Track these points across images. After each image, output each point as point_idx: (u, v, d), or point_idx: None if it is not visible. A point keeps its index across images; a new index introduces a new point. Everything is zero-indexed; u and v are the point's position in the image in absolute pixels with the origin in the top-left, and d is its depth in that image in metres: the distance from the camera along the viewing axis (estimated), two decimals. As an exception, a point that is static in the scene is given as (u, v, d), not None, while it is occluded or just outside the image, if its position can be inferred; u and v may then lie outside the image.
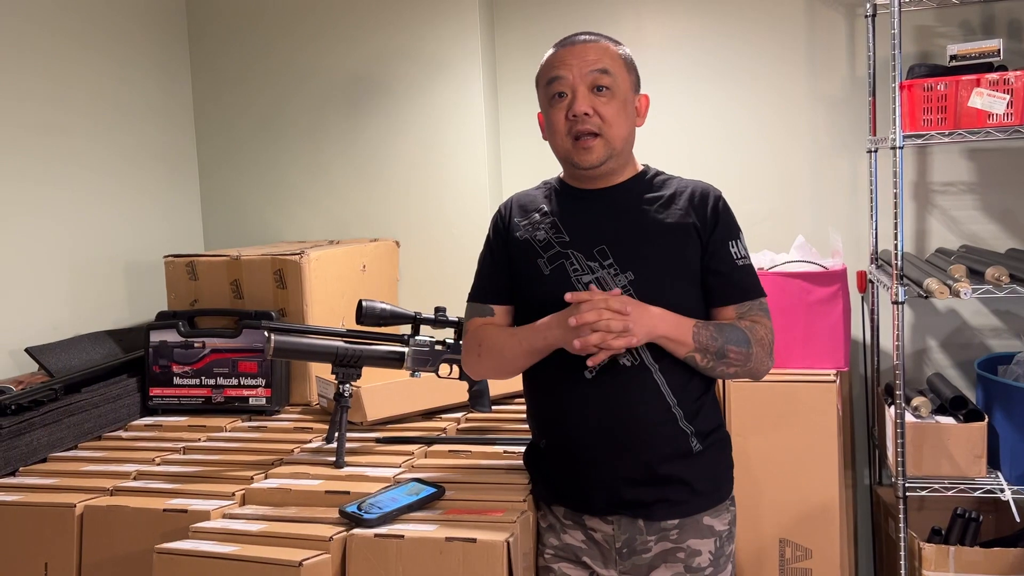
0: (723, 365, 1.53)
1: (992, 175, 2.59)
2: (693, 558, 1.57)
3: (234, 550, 1.49)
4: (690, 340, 1.50)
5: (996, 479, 2.18)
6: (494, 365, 1.64)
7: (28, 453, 1.98)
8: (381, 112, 2.87)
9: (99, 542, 1.70)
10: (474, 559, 1.47)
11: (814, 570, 2.15)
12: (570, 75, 1.54)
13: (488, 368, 1.66)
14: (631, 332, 1.44)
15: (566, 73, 1.55)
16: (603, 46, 1.57)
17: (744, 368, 1.55)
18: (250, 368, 2.28)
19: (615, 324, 1.43)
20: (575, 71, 1.54)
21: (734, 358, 1.53)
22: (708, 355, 1.51)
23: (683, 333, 1.50)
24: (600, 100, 1.54)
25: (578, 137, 1.54)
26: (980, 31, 2.55)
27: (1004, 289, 2.07)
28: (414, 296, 2.83)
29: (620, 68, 1.57)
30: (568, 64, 1.55)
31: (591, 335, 1.44)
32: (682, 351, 1.51)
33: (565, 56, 1.56)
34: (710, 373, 1.56)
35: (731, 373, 1.55)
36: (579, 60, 1.55)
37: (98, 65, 2.63)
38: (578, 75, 1.54)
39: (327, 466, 1.85)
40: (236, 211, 3.03)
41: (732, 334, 1.53)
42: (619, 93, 1.55)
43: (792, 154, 2.72)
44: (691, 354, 1.51)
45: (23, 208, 2.35)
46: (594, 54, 1.55)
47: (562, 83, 1.55)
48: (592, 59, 1.54)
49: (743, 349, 1.53)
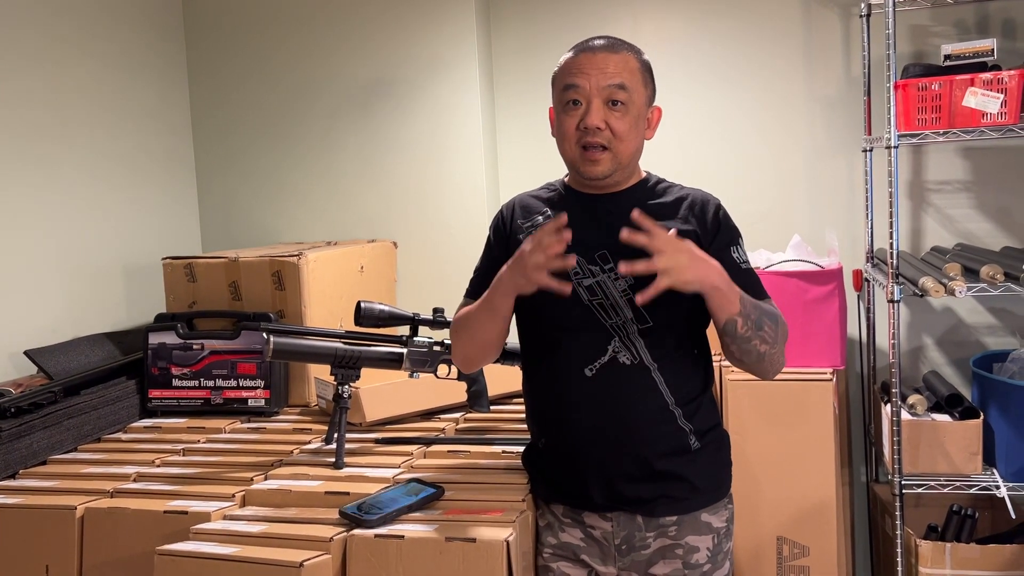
0: (757, 339, 1.49)
1: (986, 174, 2.60)
2: (691, 554, 1.58)
3: (235, 551, 1.50)
4: (737, 301, 1.46)
5: (992, 476, 2.19)
6: (466, 338, 1.63)
7: (28, 456, 1.99)
8: (379, 114, 2.88)
9: (100, 544, 1.70)
10: (474, 559, 1.48)
11: (812, 567, 2.16)
12: (587, 85, 1.52)
13: (459, 342, 1.65)
14: (682, 270, 1.38)
15: (583, 82, 1.53)
16: (624, 58, 1.55)
17: (772, 349, 1.51)
18: (249, 370, 2.29)
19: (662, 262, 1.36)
20: (592, 82, 1.52)
21: (767, 333, 1.50)
22: (749, 322, 1.47)
23: (734, 291, 1.46)
24: (614, 115, 1.53)
25: (586, 147, 1.54)
26: (974, 31, 2.57)
27: (999, 287, 2.08)
28: (412, 297, 2.83)
29: (638, 83, 1.55)
30: (587, 73, 1.53)
31: (639, 263, 1.36)
32: (727, 311, 1.45)
33: (584, 64, 1.54)
34: (741, 347, 1.50)
35: (761, 351, 1.50)
36: (598, 72, 1.52)
37: (96, 70, 2.63)
38: (595, 87, 1.52)
39: (327, 467, 1.86)
40: (234, 213, 3.04)
41: (767, 309, 1.53)
42: (633, 109, 1.54)
43: (788, 154, 2.73)
44: (734, 317, 1.45)
45: (22, 212, 2.36)
46: (614, 66, 1.53)
47: (578, 91, 1.53)
48: (611, 72, 1.52)
49: (775, 328, 1.51)
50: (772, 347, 1.52)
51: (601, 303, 1.55)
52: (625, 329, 1.54)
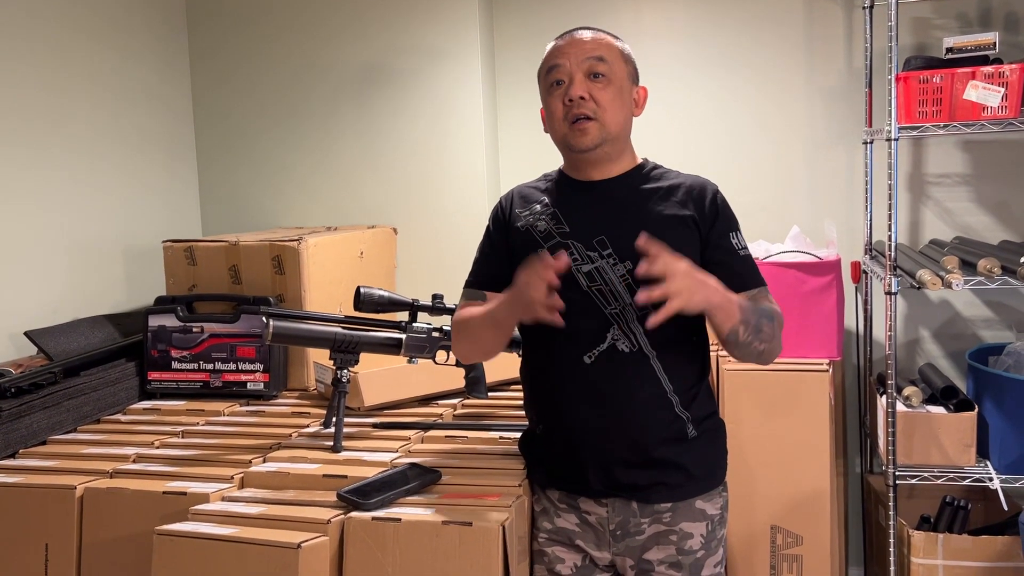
0: (757, 340, 1.52)
1: (986, 167, 2.61)
2: (685, 541, 1.59)
3: (233, 532, 1.51)
4: (737, 311, 1.49)
5: (985, 468, 2.21)
6: (466, 338, 1.65)
7: (28, 436, 2.00)
8: (381, 100, 2.88)
9: (99, 524, 1.72)
10: (470, 543, 1.49)
11: (805, 556, 2.18)
12: (567, 63, 1.58)
13: (463, 344, 1.67)
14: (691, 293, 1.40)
15: (563, 61, 1.59)
16: (600, 37, 1.62)
17: (770, 345, 1.54)
18: (248, 353, 2.30)
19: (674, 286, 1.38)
20: (572, 59, 1.58)
21: (766, 333, 1.53)
22: (749, 328, 1.50)
23: (732, 303, 1.49)
24: (596, 86, 1.57)
25: (575, 120, 1.57)
26: (977, 24, 2.56)
27: (996, 281, 2.09)
28: (411, 283, 2.84)
29: (616, 57, 1.61)
30: (566, 53, 1.59)
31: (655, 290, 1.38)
32: (729, 323, 1.48)
33: (563, 47, 1.61)
34: (742, 350, 1.53)
35: (760, 350, 1.54)
36: (576, 49, 1.59)
37: (98, 52, 2.63)
38: (575, 62, 1.58)
39: (325, 450, 1.87)
40: (234, 197, 3.04)
41: (764, 309, 1.55)
42: (615, 80, 1.59)
43: (788, 145, 2.73)
44: (736, 327, 1.49)
45: (23, 193, 2.36)
46: (592, 43, 1.60)
47: (560, 71, 1.59)
48: (589, 48, 1.59)
49: (772, 326, 1.54)
50: (770, 343, 1.55)
51: (600, 289, 1.56)
52: (624, 316, 1.56)
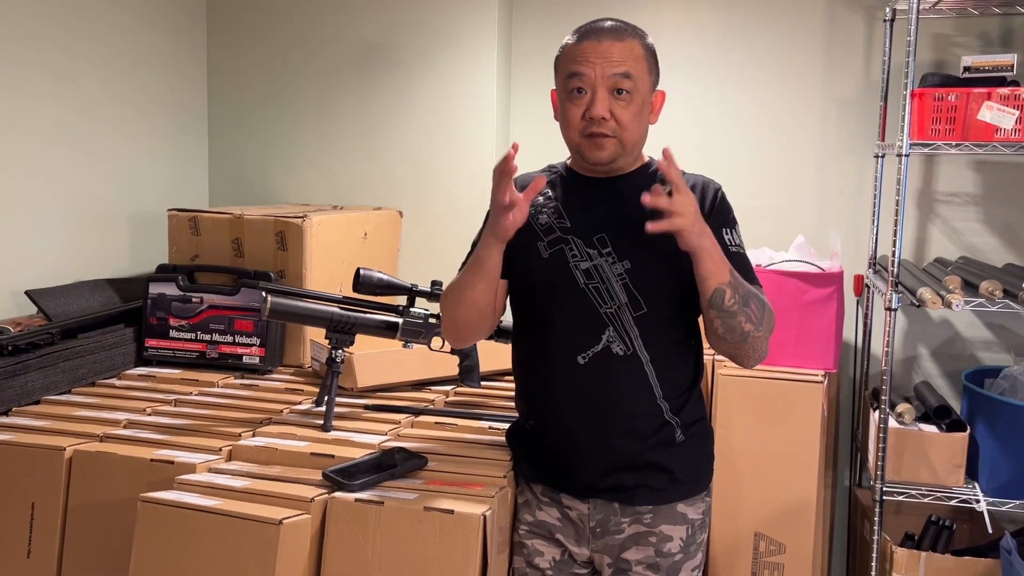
0: (743, 315, 1.48)
1: (996, 189, 2.59)
2: (664, 543, 1.60)
3: (217, 504, 1.52)
4: (727, 271, 1.46)
5: (973, 490, 2.20)
6: (453, 300, 1.61)
7: (22, 394, 2.01)
8: (394, 82, 2.87)
9: (86, 486, 1.73)
10: (451, 530, 1.50)
11: (786, 565, 2.18)
12: (591, 74, 1.51)
13: (451, 308, 1.62)
14: (694, 218, 1.40)
15: (587, 71, 1.51)
16: (629, 46, 1.53)
17: (756, 331, 1.50)
18: (246, 327, 2.30)
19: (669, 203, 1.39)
20: (597, 71, 1.51)
21: (753, 312, 1.49)
22: (737, 296, 1.47)
23: (725, 262, 1.47)
24: (619, 104, 1.52)
25: (591, 135, 1.54)
26: (998, 44, 2.55)
27: (997, 303, 2.08)
28: (413, 267, 2.84)
29: (642, 70, 1.54)
30: (591, 62, 1.51)
31: (660, 199, 1.38)
32: (717, 278, 1.45)
33: (588, 52, 1.52)
34: (727, 321, 1.49)
35: (745, 330, 1.49)
36: (603, 60, 1.51)
37: (113, 15, 2.62)
38: (600, 76, 1.51)
39: (314, 428, 1.88)
40: (242, 170, 3.04)
41: (755, 290, 1.53)
42: (638, 96, 1.53)
43: (800, 153, 2.72)
44: (723, 286, 1.45)
45: (31, 153, 2.36)
46: (619, 55, 1.51)
47: (582, 80, 1.52)
48: (616, 60, 1.51)
49: (761, 308, 1.51)
50: (757, 328, 1.51)
51: (597, 287, 1.56)
52: (620, 318, 1.55)
